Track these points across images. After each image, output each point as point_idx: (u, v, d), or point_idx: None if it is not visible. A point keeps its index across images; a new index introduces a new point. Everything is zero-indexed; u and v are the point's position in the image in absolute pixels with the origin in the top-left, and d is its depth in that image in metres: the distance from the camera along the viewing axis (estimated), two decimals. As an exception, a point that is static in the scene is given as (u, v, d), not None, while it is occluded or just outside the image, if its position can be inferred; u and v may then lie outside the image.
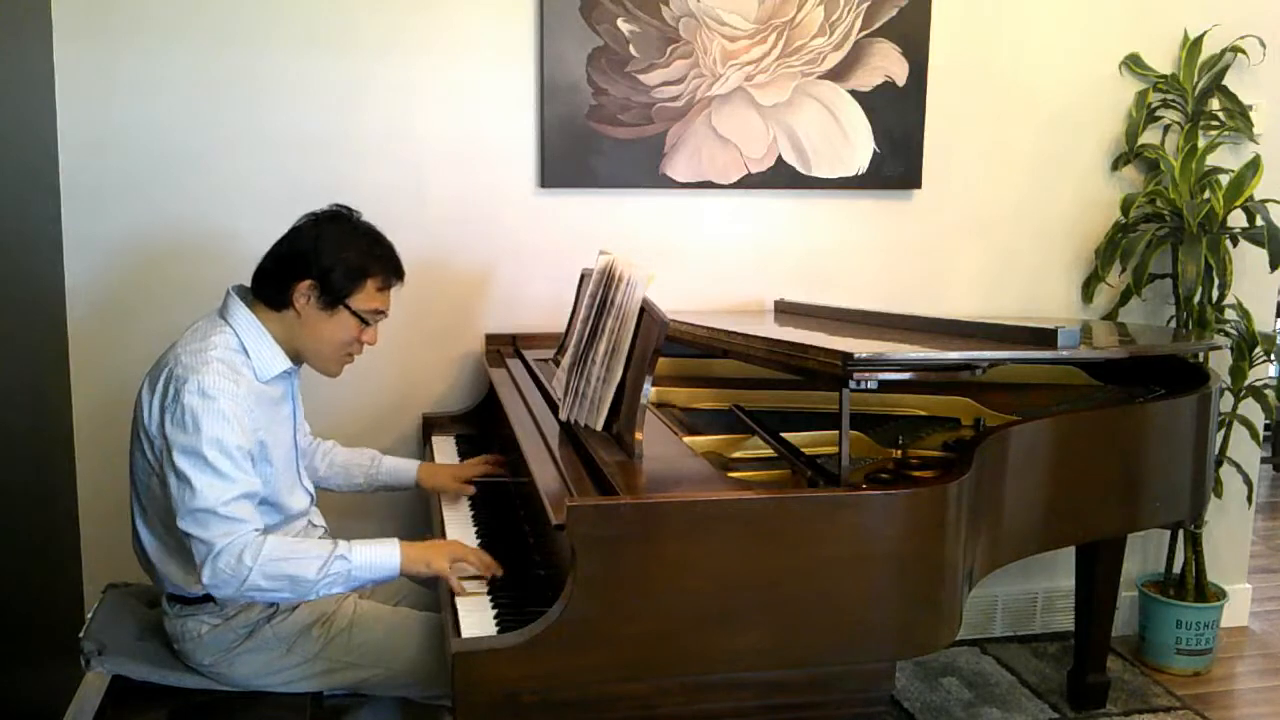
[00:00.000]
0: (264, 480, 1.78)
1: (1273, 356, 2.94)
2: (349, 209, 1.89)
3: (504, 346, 2.73)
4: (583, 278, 2.40)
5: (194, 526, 1.65)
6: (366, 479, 2.20)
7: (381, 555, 1.71)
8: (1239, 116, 2.94)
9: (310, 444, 2.18)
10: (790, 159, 2.82)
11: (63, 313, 2.49)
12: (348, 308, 1.82)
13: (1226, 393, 2.87)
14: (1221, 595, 3.01)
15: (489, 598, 1.68)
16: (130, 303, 2.52)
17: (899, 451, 2.05)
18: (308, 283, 1.79)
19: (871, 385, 1.67)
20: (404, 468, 2.22)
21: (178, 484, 1.66)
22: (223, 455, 1.66)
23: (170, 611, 1.84)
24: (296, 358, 1.88)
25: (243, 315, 1.81)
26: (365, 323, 1.85)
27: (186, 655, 1.84)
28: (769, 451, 1.96)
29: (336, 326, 1.83)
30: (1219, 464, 2.91)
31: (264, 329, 1.82)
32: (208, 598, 1.79)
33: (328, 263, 1.79)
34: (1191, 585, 2.98)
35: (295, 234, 1.84)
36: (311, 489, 2.02)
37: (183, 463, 1.66)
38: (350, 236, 1.84)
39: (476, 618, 1.60)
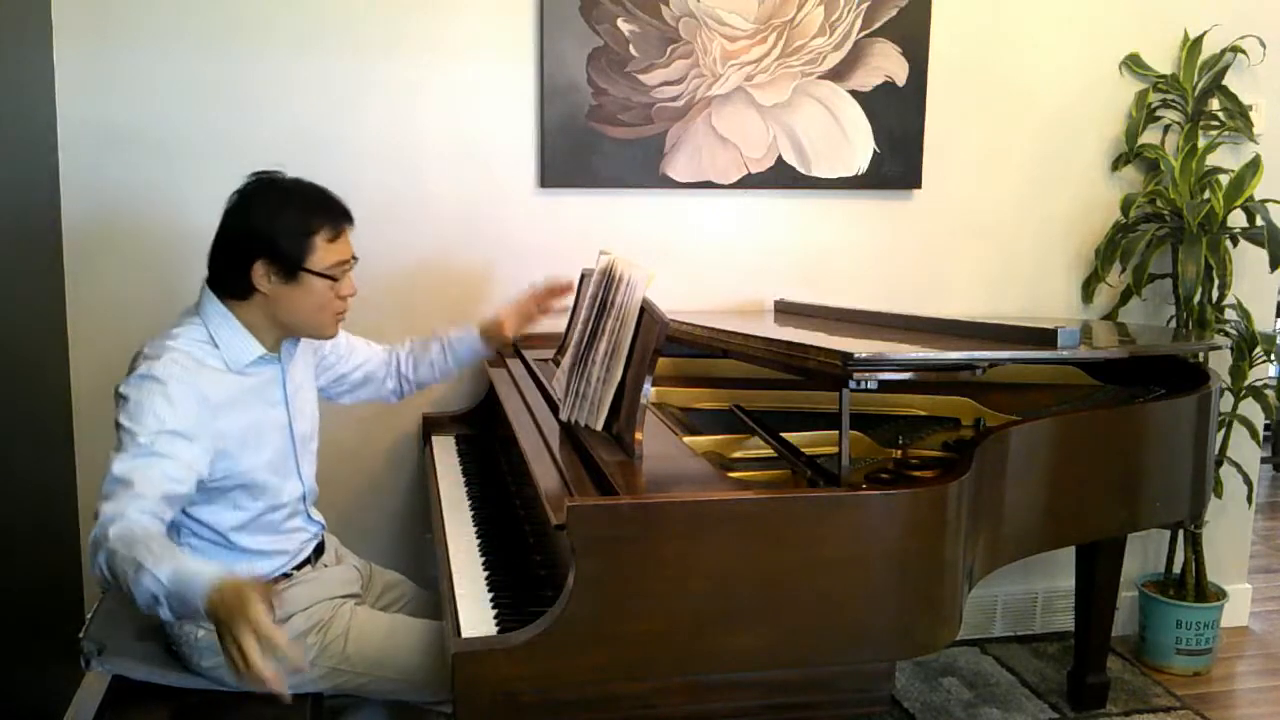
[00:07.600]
0: (248, 468, 1.77)
1: (1273, 356, 2.94)
2: (269, 172, 1.79)
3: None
4: (583, 278, 2.40)
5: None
6: (453, 359, 2.23)
7: (194, 587, 1.42)
8: (1239, 116, 2.93)
9: (383, 362, 2.20)
10: (790, 159, 2.82)
11: (63, 311, 2.49)
12: (309, 271, 1.73)
13: (1226, 393, 2.87)
14: (1221, 595, 3.00)
15: (489, 598, 1.68)
16: (130, 303, 2.51)
17: (899, 451, 2.05)
18: (260, 263, 1.72)
19: (871, 385, 1.67)
20: (467, 339, 2.24)
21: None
22: (143, 430, 1.60)
23: None
24: (291, 336, 1.86)
25: (213, 307, 1.77)
26: (333, 279, 1.77)
27: (187, 659, 1.84)
28: (769, 451, 1.96)
29: (307, 294, 1.75)
30: (1219, 464, 2.91)
31: (234, 318, 1.77)
32: None
33: (269, 235, 1.71)
34: (1191, 585, 2.98)
35: (227, 219, 1.76)
36: (311, 484, 1.98)
37: (116, 434, 1.63)
38: (281, 200, 1.75)
39: (476, 618, 1.60)
